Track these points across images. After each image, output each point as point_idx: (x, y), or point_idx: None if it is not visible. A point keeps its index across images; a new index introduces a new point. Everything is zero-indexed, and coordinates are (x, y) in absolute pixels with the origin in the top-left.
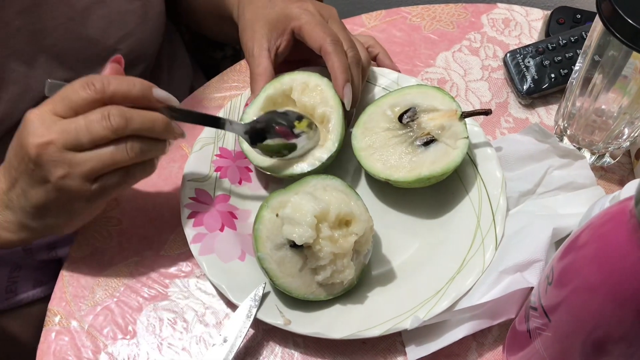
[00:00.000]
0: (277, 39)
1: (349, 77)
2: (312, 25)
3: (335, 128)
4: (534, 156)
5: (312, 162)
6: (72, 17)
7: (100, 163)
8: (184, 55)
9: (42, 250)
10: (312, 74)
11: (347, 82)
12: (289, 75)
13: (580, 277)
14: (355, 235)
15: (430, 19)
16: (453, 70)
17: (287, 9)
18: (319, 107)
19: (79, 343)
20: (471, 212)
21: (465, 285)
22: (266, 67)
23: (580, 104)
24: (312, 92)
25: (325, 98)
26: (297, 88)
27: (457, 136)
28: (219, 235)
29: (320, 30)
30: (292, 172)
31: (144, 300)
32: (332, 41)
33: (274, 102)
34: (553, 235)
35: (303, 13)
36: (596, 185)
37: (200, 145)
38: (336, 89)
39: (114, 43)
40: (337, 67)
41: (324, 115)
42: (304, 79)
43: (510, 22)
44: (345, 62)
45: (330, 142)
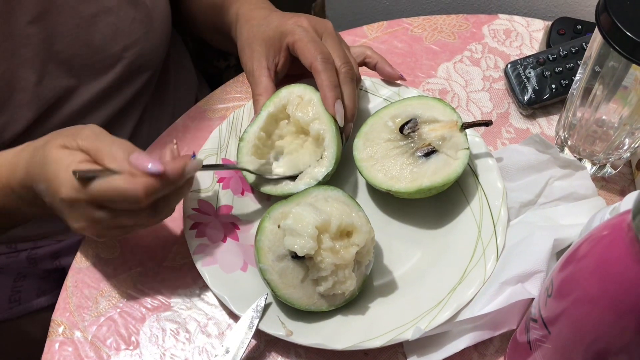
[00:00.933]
0: (275, 57)
1: (338, 94)
2: (305, 42)
3: (330, 145)
4: (534, 167)
5: (308, 181)
6: (79, 25)
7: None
8: (190, 65)
9: (46, 259)
10: (307, 87)
11: (337, 99)
12: (287, 88)
13: (580, 290)
14: (356, 246)
15: (431, 29)
16: (454, 80)
17: (282, 25)
18: (313, 123)
19: (82, 354)
20: (472, 222)
21: (467, 296)
22: (266, 85)
23: (581, 115)
24: (306, 106)
25: (318, 114)
26: (292, 102)
27: (458, 147)
28: (222, 246)
29: (312, 48)
30: (289, 191)
31: (147, 311)
32: (322, 59)
33: (275, 119)
34: (554, 246)
35: (297, 29)
36: (597, 196)
37: (204, 156)
38: (326, 107)
39: (119, 50)
40: (326, 85)
41: (318, 133)
42: (300, 92)
43: (511, 32)
44: (334, 80)
45: (327, 160)
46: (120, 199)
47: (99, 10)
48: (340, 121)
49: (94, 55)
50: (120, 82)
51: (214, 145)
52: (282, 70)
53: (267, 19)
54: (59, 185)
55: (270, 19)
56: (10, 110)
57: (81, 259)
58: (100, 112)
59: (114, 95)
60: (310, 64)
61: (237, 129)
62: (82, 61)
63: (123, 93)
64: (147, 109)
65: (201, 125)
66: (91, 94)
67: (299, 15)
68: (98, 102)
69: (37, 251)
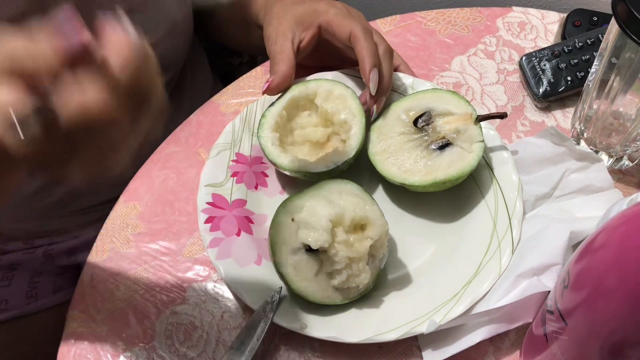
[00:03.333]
0: (302, 32)
1: (376, 62)
2: (341, 17)
3: (356, 135)
4: (550, 159)
5: (326, 163)
6: None
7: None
8: (205, 63)
9: (62, 255)
10: (337, 83)
11: (375, 66)
12: (315, 81)
13: (596, 280)
14: (370, 240)
15: (445, 23)
16: (468, 74)
17: (315, 4)
18: (341, 113)
19: (98, 347)
20: (487, 216)
21: (482, 289)
22: (288, 52)
23: (597, 107)
24: (335, 100)
25: (348, 107)
26: (321, 94)
27: (473, 140)
28: (236, 239)
29: (350, 21)
30: (308, 170)
31: (162, 305)
32: (363, 28)
33: (297, 105)
34: (570, 239)
35: (331, 8)
36: (614, 189)
37: (217, 150)
38: (362, 73)
39: None
40: (365, 51)
41: (346, 121)
42: (329, 86)
43: (525, 25)
44: (374, 48)
45: (349, 147)
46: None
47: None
48: (373, 89)
49: None
50: None
51: (227, 140)
52: (305, 49)
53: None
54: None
55: (304, 1)
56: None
57: (97, 254)
58: None
59: None
60: (350, 32)
61: (250, 123)
62: None
63: None
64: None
65: (215, 121)
66: None
67: (332, 1)
68: None
69: (54, 247)
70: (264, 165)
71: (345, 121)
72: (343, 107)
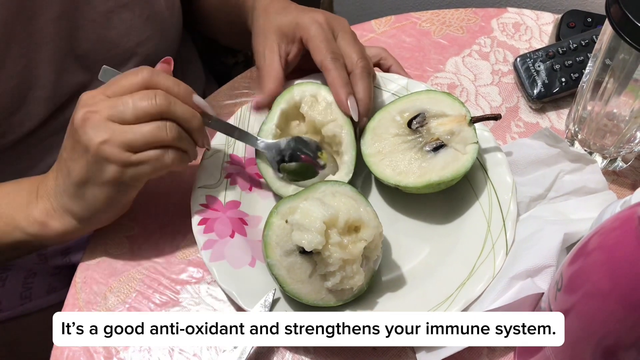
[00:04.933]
0: (288, 46)
1: (349, 90)
2: (318, 40)
3: (348, 150)
4: (544, 161)
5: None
6: (95, 20)
7: (140, 135)
8: (197, 62)
9: (56, 255)
10: (320, 86)
11: (349, 94)
12: (298, 85)
13: (590, 283)
14: (364, 241)
15: (439, 24)
16: (463, 75)
17: (299, 17)
18: (328, 125)
19: (91, 349)
20: (481, 217)
21: (476, 291)
22: (276, 68)
23: (591, 108)
24: (320, 105)
25: (335, 115)
26: (306, 102)
27: (467, 141)
28: (230, 241)
29: (324, 47)
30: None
31: (156, 307)
32: (332, 58)
33: (287, 117)
34: (564, 241)
35: (312, 24)
36: (608, 190)
37: (211, 152)
38: (339, 104)
39: (133, 46)
40: (337, 83)
41: (335, 136)
42: (313, 90)
43: (520, 26)
44: (344, 77)
45: (346, 166)
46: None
47: (115, 5)
48: (355, 116)
49: (108, 51)
50: None
51: (221, 141)
52: (293, 62)
53: (285, 10)
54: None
55: (288, 11)
56: (28, 106)
57: (90, 255)
58: None
59: None
60: (321, 62)
61: (244, 124)
62: (97, 57)
63: None
64: None
65: None
66: None
67: (316, 11)
68: None
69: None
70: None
71: (334, 134)
72: (330, 116)
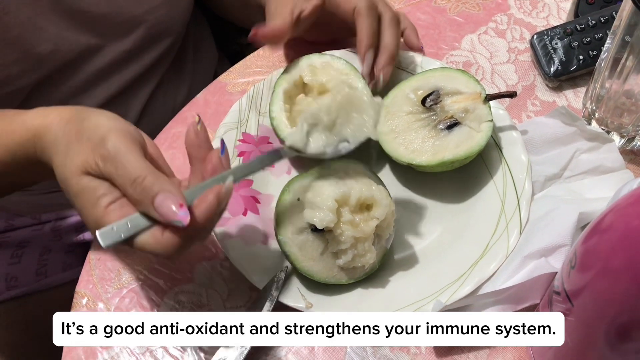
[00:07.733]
0: (304, 3)
1: (373, 42)
2: None
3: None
4: (560, 139)
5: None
6: None
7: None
8: (210, 41)
9: (70, 232)
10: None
11: (371, 47)
12: (293, 65)
13: (604, 261)
14: (376, 220)
15: (455, 1)
16: (479, 52)
17: None
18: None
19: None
20: (495, 196)
21: (489, 270)
22: (284, 14)
23: (609, 86)
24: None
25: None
26: (306, 73)
27: (482, 119)
28: (242, 219)
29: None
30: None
31: (169, 284)
32: (367, 4)
33: (290, 95)
34: (579, 220)
35: None
36: (625, 169)
37: (224, 130)
38: (358, 51)
39: (143, 13)
40: (365, 31)
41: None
42: (308, 62)
43: (538, 3)
44: (374, 28)
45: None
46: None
47: None
48: (366, 70)
49: (117, 16)
50: (142, 45)
51: (233, 119)
52: (307, 19)
53: None
54: (87, 220)
55: None
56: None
57: None
58: (121, 76)
59: (134, 59)
60: (354, 7)
61: (257, 103)
62: (106, 21)
63: (143, 58)
64: (164, 77)
65: (222, 100)
66: (113, 56)
67: None
68: (119, 65)
69: (61, 223)
70: (271, 144)
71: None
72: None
